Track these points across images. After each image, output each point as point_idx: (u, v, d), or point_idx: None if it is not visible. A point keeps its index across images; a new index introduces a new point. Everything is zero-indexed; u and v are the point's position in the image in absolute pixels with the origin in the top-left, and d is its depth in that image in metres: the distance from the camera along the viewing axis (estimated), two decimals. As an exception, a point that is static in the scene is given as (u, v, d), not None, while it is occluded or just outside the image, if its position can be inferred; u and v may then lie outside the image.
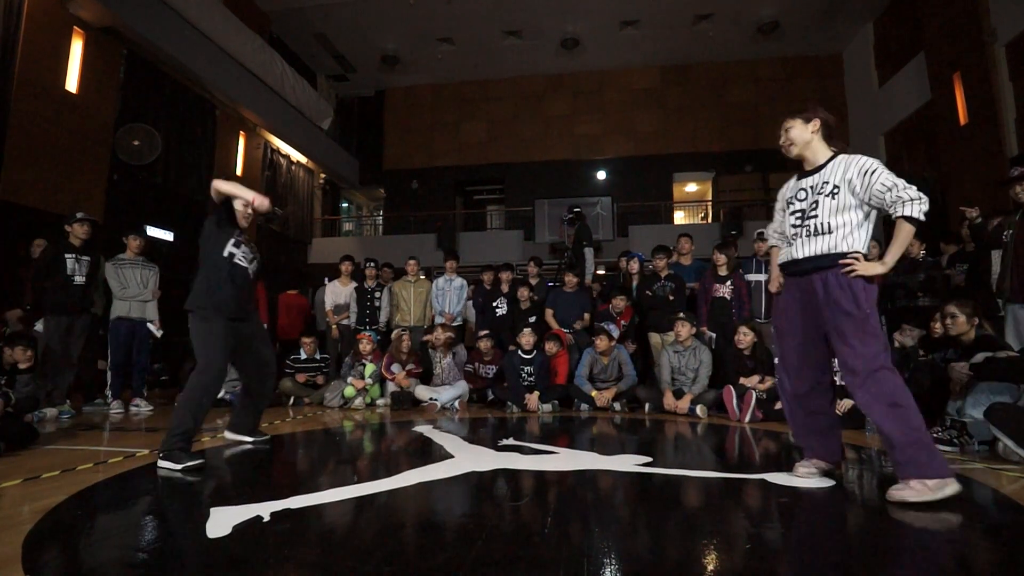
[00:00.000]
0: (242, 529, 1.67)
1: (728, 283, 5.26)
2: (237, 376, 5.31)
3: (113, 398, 4.93)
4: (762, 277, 5.44)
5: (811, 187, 2.27)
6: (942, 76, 8.66)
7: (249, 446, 3.17)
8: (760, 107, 13.06)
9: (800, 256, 2.26)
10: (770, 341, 5.16)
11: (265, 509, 1.86)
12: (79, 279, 4.66)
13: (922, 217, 2.03)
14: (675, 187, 14.10)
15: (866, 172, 2.12)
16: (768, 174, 12.48)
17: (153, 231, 7.74)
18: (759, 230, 5.79)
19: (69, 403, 4.66)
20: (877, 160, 2.16)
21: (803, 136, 2.34)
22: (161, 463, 2.54)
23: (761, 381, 4.44)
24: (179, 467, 2.49)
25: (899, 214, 2.06)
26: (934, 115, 8.97)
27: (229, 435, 3.27)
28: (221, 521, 1.73)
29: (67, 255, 4.63)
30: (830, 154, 2.29)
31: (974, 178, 7.76)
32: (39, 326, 4.70)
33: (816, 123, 2.33)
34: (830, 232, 2.18)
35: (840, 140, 2.36)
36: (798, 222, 2.28)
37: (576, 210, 7.67)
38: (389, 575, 1.34)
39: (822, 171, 2.26)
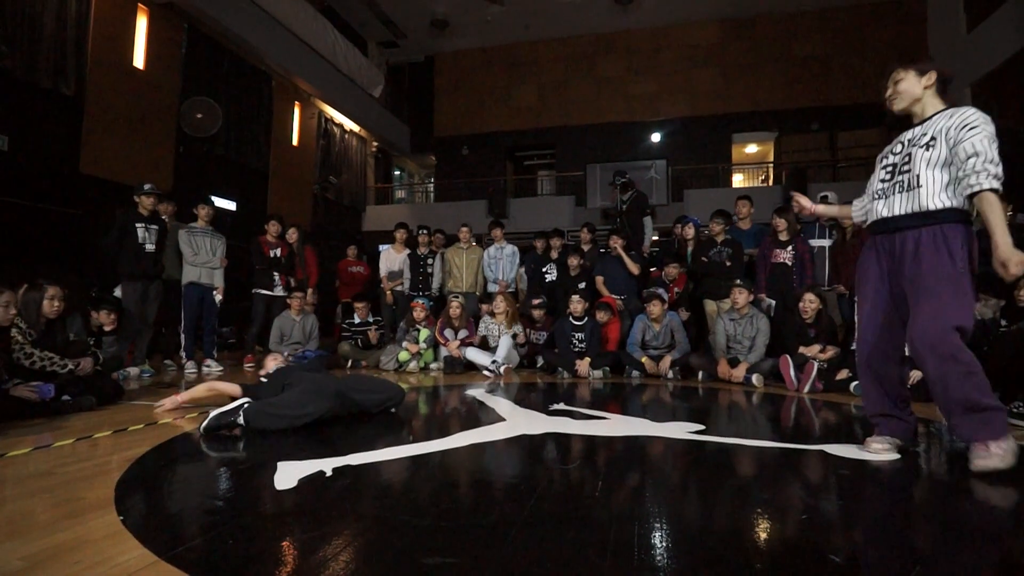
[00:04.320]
0: (306, 482, 1.77)
1: (789, 248, 5.04)
2: (297, 340, 5.59)
3: (187, 359, 5.26)
4: (826, 242, 5.19)
5: (909, 139, 2.13)
6: (1042, 18, 7.79)
7: None
8: (830, 60, 12.21)
9: (888, 214, 2.12)
10: (834, 309, 4.95)
11: (327, 465, 1.95)
12: (149, 247, 4.93)
13: (998, 187, 1.90)
14: (734, 148, 13.49)
15: (965, 126, 1.94)
16: (836, 133, 11.74)
17: (217, 201, 8.09)
18: (823, 193, 5.48)
19: (148, 363, 5.01)
20: (988, 120, 1.96)
21: (913, 90, 2.15)
22: None
23: (822, 350, 4.28)
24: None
25: (981, 187, 1.88)
26: (1030, 62, 8.12)
27: None
28: (288, 474, 1.84)
29: (137, 224, 4.89)
30: (942, 108, 2.10)
31: (1074, 132, 7.03)
32: (118, 292, 5.04)
33: (931, 76, 2.12)
34: (919, 187, 2.03)
35: (953, 94, 2.17)
36: (888, 176, 2.16)
37: (627, 176, 7.40)
38: (444, 530, 1.40)
39: (926, 123, 2.10)
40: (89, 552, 1.25)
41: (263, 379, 3.06)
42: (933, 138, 2.03)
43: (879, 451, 2.18)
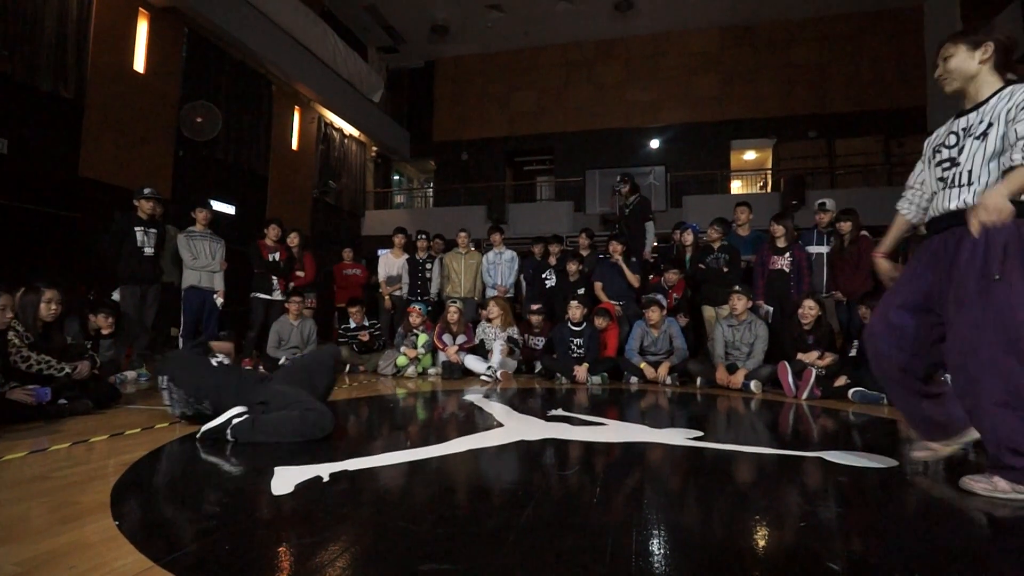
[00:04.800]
0: (303, 488, 1.77)
1: (787, 255, 5.05)
2: (295, 344, 5.58)
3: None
4: (823, 249, 5.20)
5: (964, 129, 1.84)
6: (1039, 27, 7.83)
7: None
8: (827, 68, 12.28)
9: (936, 215, 1.89)
10: (832, 316, 4.96)
11: (324, 470, 1.95)
12: (148, 250, 4.94)
13: None
14: (732, 155, 13.54)
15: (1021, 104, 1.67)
16: (834, 140, 11.79)
17: (216, 205, 8.09)
18: (820, 200, 5.51)
19: (145, 367, 4.99)
20: None
21: (966, 67, 1.84)
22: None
23: (820, 357, 4.28)
24: None
25: (1018, 162, 1.62)
26: (1027, 71, 8.15)
27: None
28: (285, 479, 1.83)
29: (136, 228, 4.89)
30: (999, 86, 1.80)
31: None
32: (116, 295, 5.03)
33: (988, 49, 1.80)
34: (969, 184, 1.77)
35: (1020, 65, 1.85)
36: (944, 174, 1.88)
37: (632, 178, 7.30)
38: (441, 536, 1.39)
39: (982, 108, 1.80)
40: (84, 557, 1.24)
41: (214, 363, 2.92)
42: (990, 124, 1.76)
43: (925, 458, 2.13)
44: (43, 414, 2.88)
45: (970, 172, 1.79)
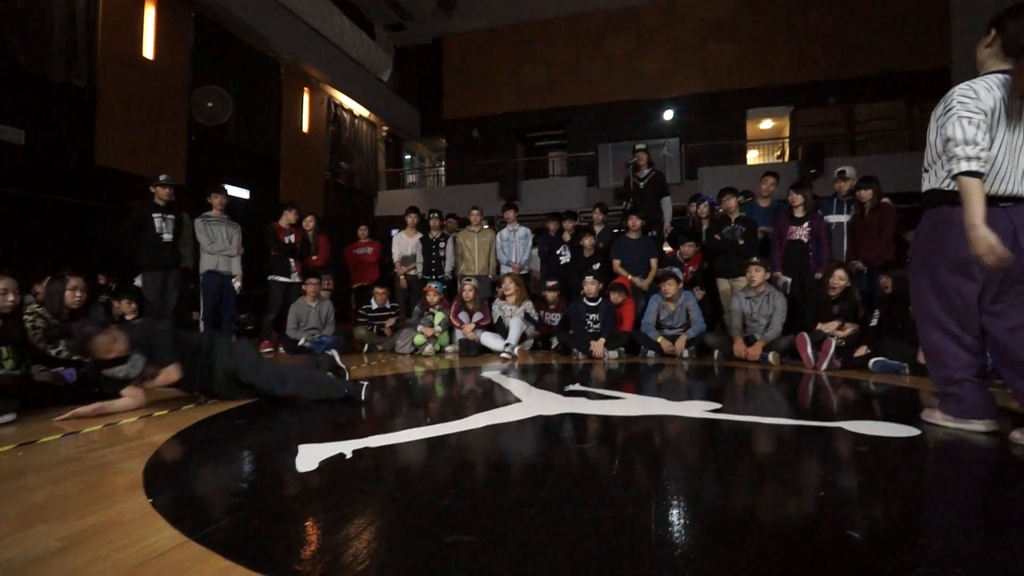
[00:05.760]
0: (327, 464, 1.81)
1: (805, 225, 4.96)
2: (314, 326, 5.65)
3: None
4: (844, 218, 5.10)
5: None
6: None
7: None
8: (847, 30, 11.84)
9: None
10: (857, 286, 4.87)
11: (347, 447, 1.99)
12: (167, 236, 5.00)
13: (974, 169, 1.82)
14: (749, 124, 13.22)
15: (943, 111, 1.95)
16: (854, 105, 11.45)
17: (230, 189, 8.14)
18: (840, 168, 5.38)
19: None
20: (966, 95, 1.86)
21: (978, 53, 1.99)
22: None
23: (840, 327, 4.23)
24: None
25: (955, 171, 1.85)
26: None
27: None
28: (309, 457, 1.88)
29: (154, 215, 4.96)
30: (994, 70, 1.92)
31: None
32: (138, 281, 5.12)
33: (991, 35, 1.92)
34: (928, 168, 2.09)
35: None
36: None
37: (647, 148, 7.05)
38: (464, 509, 1.42)
39: None
40: (121, 533, 1.29)
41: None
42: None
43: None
44: (75, 397, 2.97)
45: (930, 158, 2.14)
